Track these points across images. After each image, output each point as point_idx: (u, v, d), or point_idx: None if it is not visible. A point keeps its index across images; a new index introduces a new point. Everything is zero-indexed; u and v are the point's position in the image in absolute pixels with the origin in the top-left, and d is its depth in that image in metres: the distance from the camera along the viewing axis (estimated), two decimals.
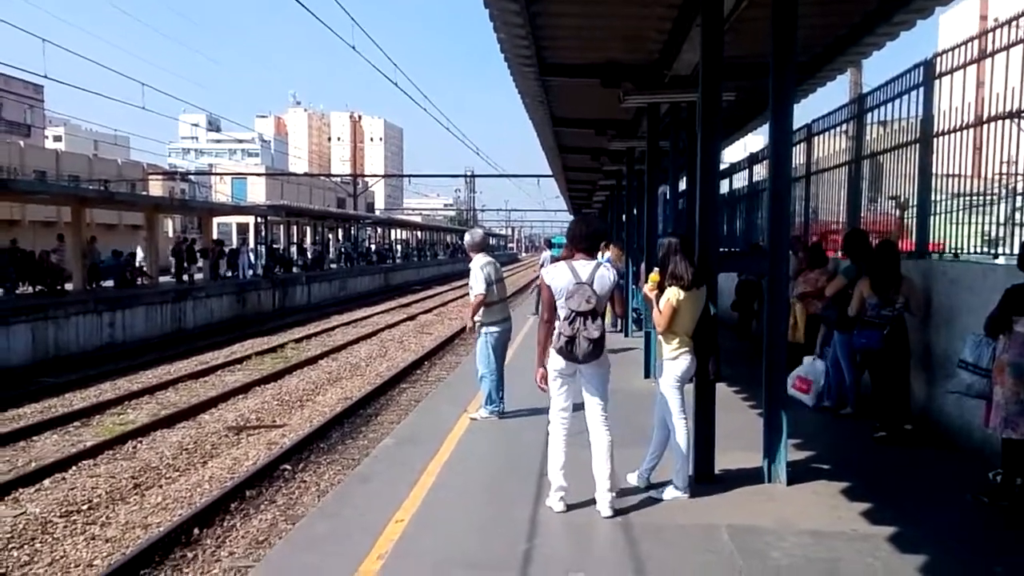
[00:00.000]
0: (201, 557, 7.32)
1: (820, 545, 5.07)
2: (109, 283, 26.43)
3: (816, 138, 12.37)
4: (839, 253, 10.31)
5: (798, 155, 12.70)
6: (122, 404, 14.30)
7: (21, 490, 9.18)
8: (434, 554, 5.01)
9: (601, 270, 5.54)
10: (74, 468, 10.10)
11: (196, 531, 7.81)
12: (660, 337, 6.00)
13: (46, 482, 9.52)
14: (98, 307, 21.57)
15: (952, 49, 7.90)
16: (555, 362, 5.55)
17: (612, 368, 5.75)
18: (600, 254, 10.32)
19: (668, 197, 11.79)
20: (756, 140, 26.07)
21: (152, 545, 7.31)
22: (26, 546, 7.60)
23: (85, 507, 8.65)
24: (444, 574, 4.74)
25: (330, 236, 53.05)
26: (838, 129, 11.55)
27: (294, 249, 43.71)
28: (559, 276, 5.52)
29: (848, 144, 11.08)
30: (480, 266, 8.48)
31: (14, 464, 10.49)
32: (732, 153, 31.76)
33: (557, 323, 5.48)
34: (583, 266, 5.53)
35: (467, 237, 9.03)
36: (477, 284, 8.39)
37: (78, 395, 15.34)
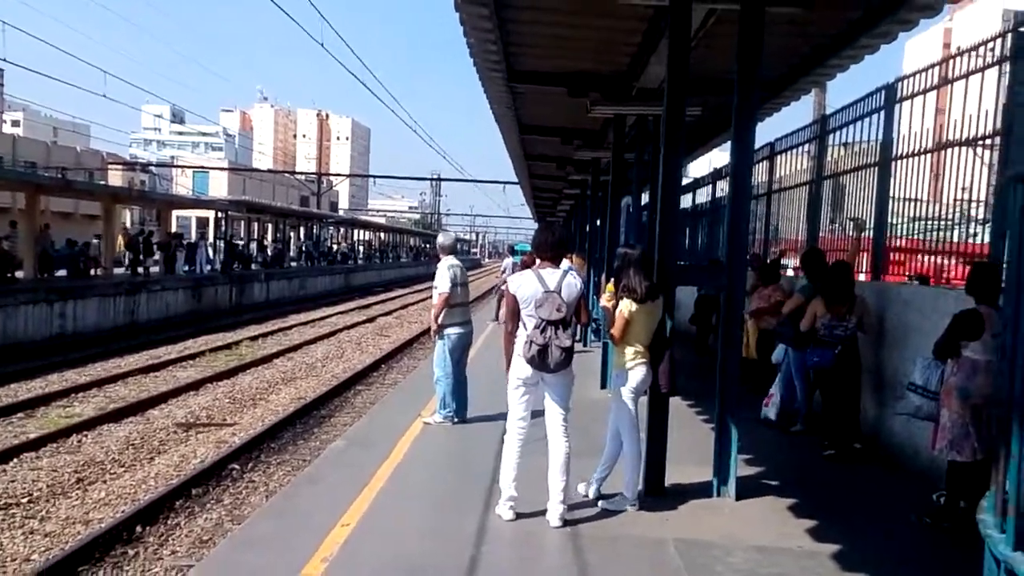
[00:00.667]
0: (143, 555, 7.16)
1: (766, 561, 5.09)
2: (62, 272, 25.90)
3: (779, 157, 12.52)
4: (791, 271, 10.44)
5: (760, 173, 12.85)
6: (68, 396, 13.99)
7: None
8: (379, 559, 4.95)
9: (568, 278, 5.52)
10: (15, 460, 9.85)
11: (139, 528, 7.65)
12: (616, 348, 5.99)
13: None
14: (49, 296, 21.10)
15: (914, 74, 8.03)
16: (520, 370, 5.50)
17: None
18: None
19: (631, 209, 11.83)
20: (722, 156, 26.35)
21: (92, 541, 7.14)
22: None
23: (25, 500, 8.44)
24: None
25: (292, 234, 52.58)
26: (801, 149, 11.70)
27: (254, 246, 43.24)
28: (526, 284, 5.47)
29: (810, 164, 11.22)
30: (447, 266, 8.48)
31: None
32: (697, 168, 32.05)
33: (524, 331, 5.43)
34: (550, 274, 5.50)
35: (440, 238, 9.10)
36: (442, 283, 8.35)
37: (23, 386, 14.98)
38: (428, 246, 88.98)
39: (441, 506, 6.03)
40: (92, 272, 27.05)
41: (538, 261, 5.68)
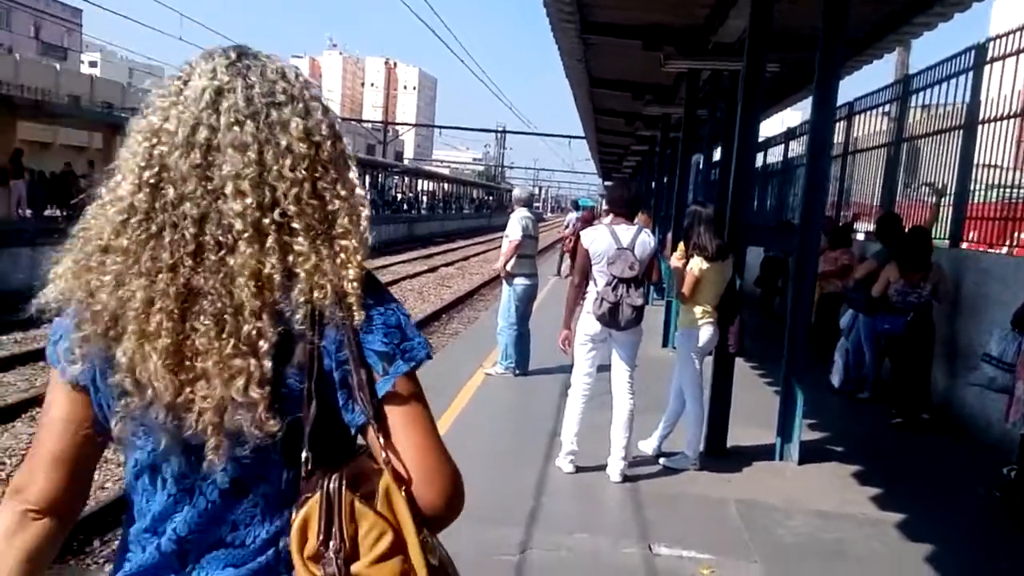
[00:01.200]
0: None
1: (828, 526, 5.05)
2: None
3: (856, 117, 12.16)
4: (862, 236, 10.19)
5: (837, 133, 12.50)
6: None
7: (38, 409, 9.25)
8: None
9: (643, 235, 5.45)
10: None
11: None
12: (683, 307, 5.95)
13: None
14: None
15: (1005, 35, 7.68)
16: (588, 326, 5.48)
17: None
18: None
19: (701, 167, 11.65)
20: (793, 115, 25.70)
21: None
22: None
23: None
24: (451, 525, 4.76)
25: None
26: (879, 110, 11.35)
27: None
28: (599, 240, 5.42)
29: (889, 126, 10.89)
30: (520, 217, 8.61)
31: (32, 383, 10.57)
32: (767, 127, 31.31)
33: (595, 288, 5.41)
34: (624, 231, 5.43)
35: (515, 191, 9.33)
36: (514, 231, 8.48)
37: None
38: (491, 198, 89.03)
39: (502, 457, 6.10)
40: None
41: (611, 217, 5.63)
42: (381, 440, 1.19)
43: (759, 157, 18.44)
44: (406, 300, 20.96)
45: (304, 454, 1.18)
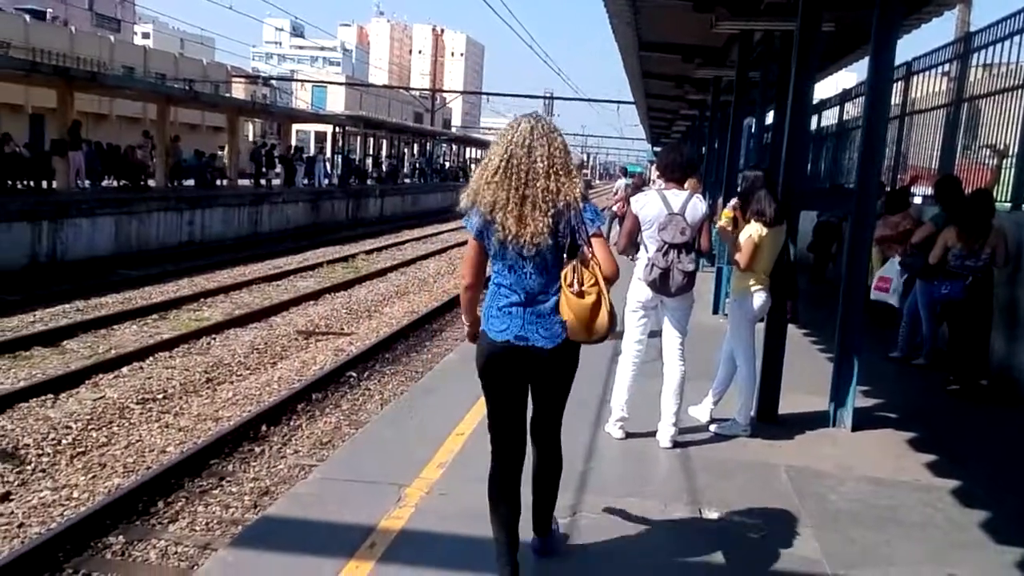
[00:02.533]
0: (268, 453, 7.58)
1: (881, 492, 5.01)
2: (190, 182, 27.02)
3: (914, 78, 11.84)
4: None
5: (893, 95, 12.19)
6: (198, 301, 14.76)
7: (101, 375, 9.59)
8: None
9: (694, 200, 5.38)
10: (151, 359, 10.50)
11: (264, 428, 8.09)
12: (736, 273, 5.88)
13: (124, 370, 9.93)
14: (179, 205, 22.13)
15: None
16: (639, 292, 5.46)
17: None
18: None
19: (753, 130, 11.45)
20: (848, 76, 25.07)
21: (222, 437, 7.59)
22: (104, 428, 7.97)
23: (160, 396, 9.01)
24: None
25: (405, 150, 53.18)
26: (938, 69, 11.03)
27: (369, 161, 43.96)
28: (650, 205, 5.35)
29: (948, 86, 10.58)
30: None
31: (95, 350, 10.95)
32: (820, 89, 30.59)
33: (646, 254, 5.38)
34: (675, 196, 5.36)
35: None
36: None
37: (156, 289, 15.87)
38: None
39: None
40: (218, 183, 28.11)
41: (661, 182, 5.56)
42: (591, 250, 3.32)
43: (813, 120, 18.13)
44: (455, 268, 21.09)
45: (565, 254, 3.36)
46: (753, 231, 5.65)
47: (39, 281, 15.76)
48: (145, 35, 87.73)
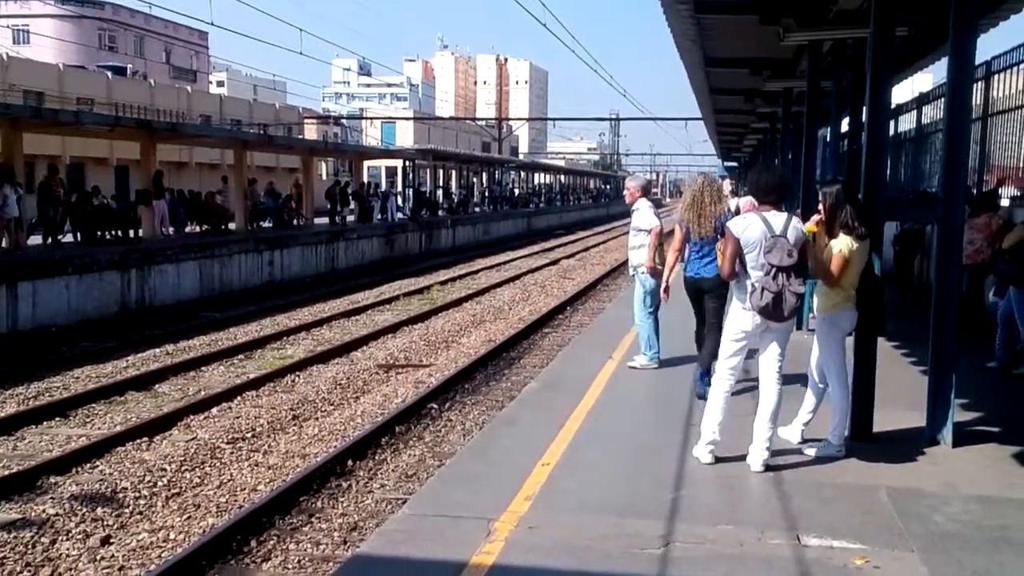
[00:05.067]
0: (355, 487, 7.65)
1: (990, 512, 4.79)
2: (267, 224, 27.71)
3: (995, 77, 11.45)
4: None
5: (974, 95, 11.80)
6: (281, 339, 15.05)
7: (192, 417, 9.83)
8: (580, 498, 5.04)
9: (794, 222, 5.26)
10: (239, 398, 10.73)
11: (350, 463, 8.17)
12: (822, 289, 5.71)
13: (214, 410, 10.16)
14: (259, 246, 22.69)
15: None
16: (743, 321, 5.34)
17: None
18: (737, 198, 9.86)
19: (828, 140, 11.21)
20: (924, 79, 24.40)
21: (310, 474, 7.69)
22: (197, 469, 8.15)
23: (249, 435, 9.18)
24: (591, 518, 4.75)
25: (475, 180, 53.66)
26: (1020, 67, 10.65)
27: (440, 192, 44.47)
28: (751, 228, 5.23)
29: None
30: (647, 206, 8.39)
31: (185, 392, 11.24)
32: (896, 93, 29.88)
33: (749, 280, 5.24)
34: (775, 218, 5.24)
35: (628, 180, 8.93)
36: (650, 219, 8.25)
37: (241, 330, 16.25)
38: (608, 187, 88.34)
39: (637, 447, 6.06)
40: (294, 222, 28.76)
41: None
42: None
43: (890, 126, 17.68)
44: (529, 295, 21.10)
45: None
46: (843, 245, 5.48)
47: (130, 326, 16.29)
48: (220, 83, 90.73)
